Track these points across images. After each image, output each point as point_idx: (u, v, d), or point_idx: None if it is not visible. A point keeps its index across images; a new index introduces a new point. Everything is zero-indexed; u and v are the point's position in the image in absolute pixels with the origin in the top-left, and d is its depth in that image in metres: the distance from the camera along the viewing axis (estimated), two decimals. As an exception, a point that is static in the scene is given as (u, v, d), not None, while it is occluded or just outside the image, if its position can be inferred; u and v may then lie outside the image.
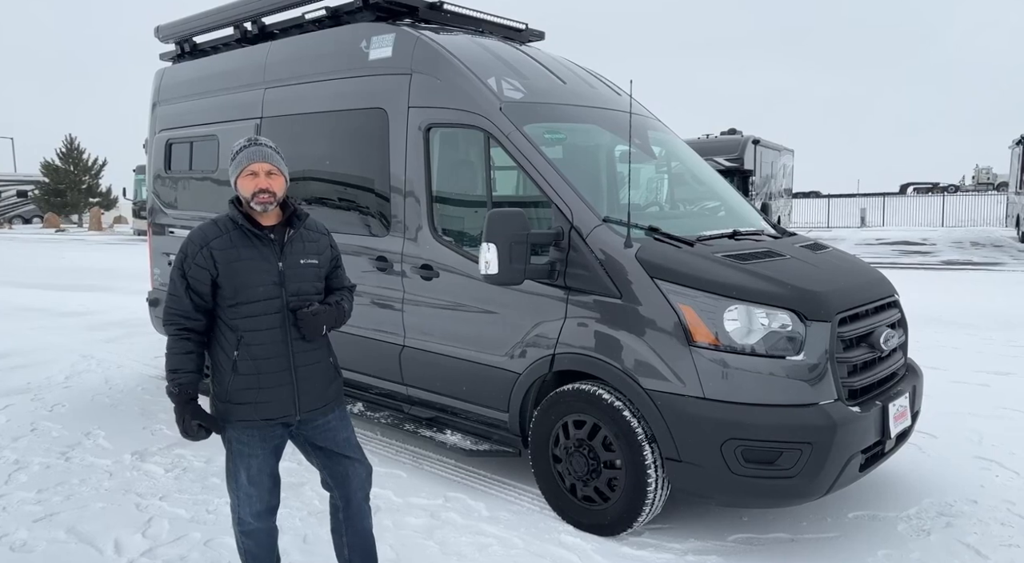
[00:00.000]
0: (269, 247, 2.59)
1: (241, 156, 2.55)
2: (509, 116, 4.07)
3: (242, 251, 2.54)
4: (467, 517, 3.93)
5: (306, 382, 2.63)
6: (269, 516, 2.73)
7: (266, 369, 2.56)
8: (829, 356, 3.34)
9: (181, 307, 2.56)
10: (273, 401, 2.58)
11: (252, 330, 2.54)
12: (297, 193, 5.33)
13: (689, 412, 3.33)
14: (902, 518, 3.83)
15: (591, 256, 3.66)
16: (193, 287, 2.54)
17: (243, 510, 2.69)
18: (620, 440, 3.54)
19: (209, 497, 4.22)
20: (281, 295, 2.58)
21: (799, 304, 3.35)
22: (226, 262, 2.52)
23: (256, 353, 2.55)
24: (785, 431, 3.23)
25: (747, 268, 3.50)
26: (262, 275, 2.55)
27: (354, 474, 2.79)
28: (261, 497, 2.66)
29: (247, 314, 2.54)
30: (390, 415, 4.77)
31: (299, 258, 2.62)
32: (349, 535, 2.85)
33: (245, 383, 2.56)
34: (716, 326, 3.33)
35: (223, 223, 2.60)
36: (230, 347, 2.56)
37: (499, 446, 4.15)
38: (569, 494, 3.79)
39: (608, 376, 3.58)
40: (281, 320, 2.57)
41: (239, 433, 2.61)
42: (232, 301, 2.54)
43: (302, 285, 2.63)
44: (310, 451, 2.80)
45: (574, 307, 3.74)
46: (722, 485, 3.32)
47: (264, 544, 2.77)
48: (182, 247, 2.58)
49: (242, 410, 2.57)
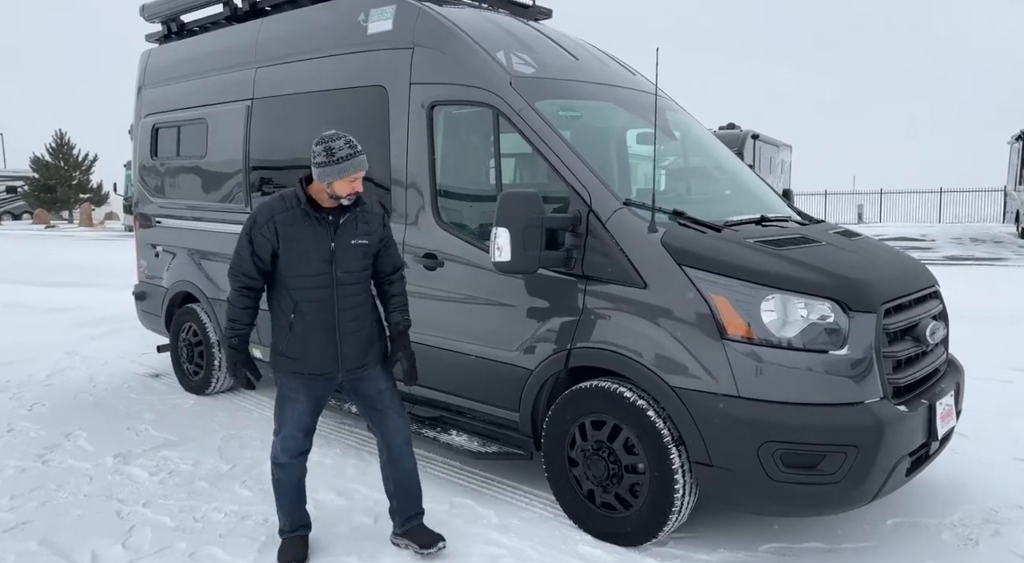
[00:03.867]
0: (325, 228, 2.96)
1: (347, 165, 2.86)
2: (520, 92, 3.76)
3: (301, 229, 2.93)
4: (475, 525, 3.64)
5: (348, 346, 3.04)
6: (301, 457, 3.19)
7: (315, 333, 2.99)
8: (875, 350, 3.05)
9: (245, 268, 2.98)
10: (318, 359, 3.02)
11: (305, 300, 2.97)
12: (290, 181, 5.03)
13: (722, 412, 3.04)
14: (945, 526, 3.55)
15: (611, 242, 3.37)
16: (257, 253, 2.95)
17: (280, 446, 3.16)
18: (644, 442, 3.24)
19: (196, 503, 3.92)
20: (331, 271, 2.97)
21: (842, 294, 3.06)
22: (286, 237, 2.92)
23: (308, 319, 2.98)
24: (828, 433, 2.94)
25: (784, 255, 3.21)
26: (315, 253, 2.94)
27: (390, 421, 3.21)
28: (296, 437, 3.13)
29: (301, 285, 2.96)
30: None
31: (350, 239, 2.99)
32: (393, 474, 3.27)
33: (297, 342, 3.01)
34: (752, 318, 3.04)
35: (290, 199, 2.96)
36: (288, 310, 3.00)
37: (508, 448, 3.86)
38: (587, 500, 3.50)
39: (630, 373, 3.29)
40: (330, 293, 2.98)
41: (288, 379, 3.09)
42: (289, 272, 2.96)
43: (351, 263, 3.02)
44: (354, 399, 3.26)
45: (592, 298, 3.44)
46: (758, 492, 3.03)
47: (293, 478, 3.23)
48: (253, 214, 2.99)
49: (293, 363, 3.04)
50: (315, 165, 2.89)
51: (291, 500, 3.27)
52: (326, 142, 2.88)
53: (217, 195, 5.60)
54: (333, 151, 2.85)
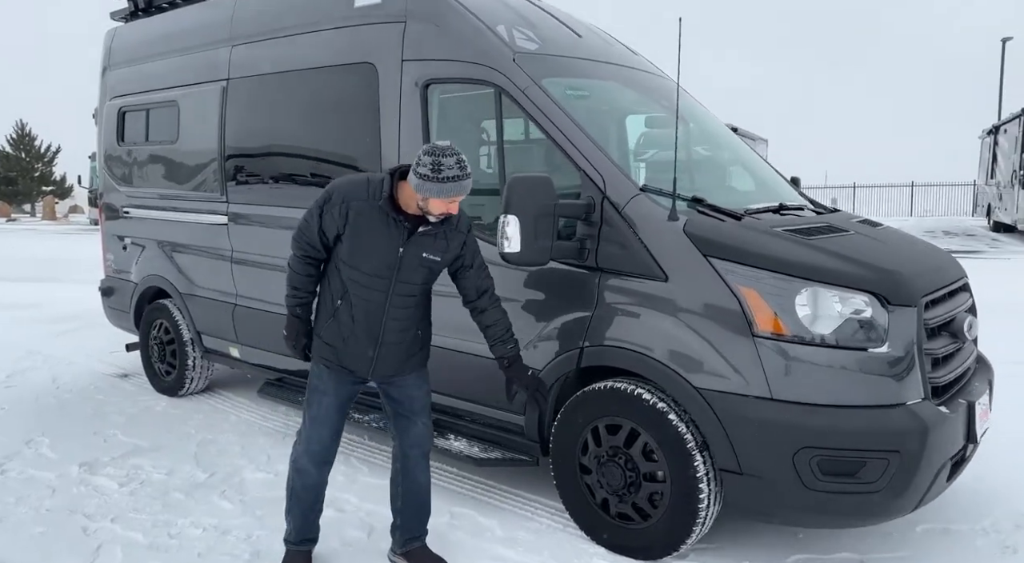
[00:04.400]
0: (399, 231, 2.71)
1: (452, 187, 2.59)
2: (525, 69, 3.47)
3: (373, 224, 2.70)
4: (478, 538, 3.36)
5: (385, 356, 2.84)
6: (323, 467, 2.97)
7: (357, 331, 2.79)
8: (916, 347, 2.82)
9: (310, 237, 2.79)
10: (353, 358, 2.83)
11: (358, 295, 2.77)
12: (269, 169, 4.69)
13: (754, 416, 2.79)
14: (978, 532, 3.35)
15: (628, 231, 3.10)
16: (323, 227, 2.75)
17: (302, 448, 2.94)
18: (664, 448, 2.99)
19: (171, 517, 3.59)
20: (391, 277, 2.74)
21: (881, 286, 2.83)
22: (355, 226, 2.70)
23: (355, 314, 2.78)
24: (869, 438, 2.71)
25: (817, 245, 2.97)
26: (380, 255, 2.72)
27: (413, 430, 3.00)
28: (321, 440, 2.91)
29: (355, 279, 2.76)
30: (380, 418, 4.17)
31: (422, 251, 2.75)
32: (404, 485, 3.04)
33: (337, 330, 2.81)
34: (785, 313, 2.79)
35: (374, 189, 2.71)
36: (337, 293, 2.80)
37: (513, 454, 3.58)
38: (600, 510, 3.23)
39: (650, 372, 3.03)
40: (382, 299, 2.76)
41: (319, 368, 2.89)
42: (348, 260, 2.75)
43: (414, 275, 2.78)
44: (383, 399, 3.03)
45: (608, 292, 3.17)
46: (792, 502, 2.80)
47: (311, 489, 2.99)
48: (331, 188, 2.77)
49: (328, 350, 2.85)
50: (417, 174, 2.59)
51: (303, 510, 3.04)
52: (436, 155, 2.58)
53: (190, 184, 5.23)
54: (441, 168, 2.56)
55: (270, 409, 5.23)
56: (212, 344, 5.28)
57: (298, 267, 2.85)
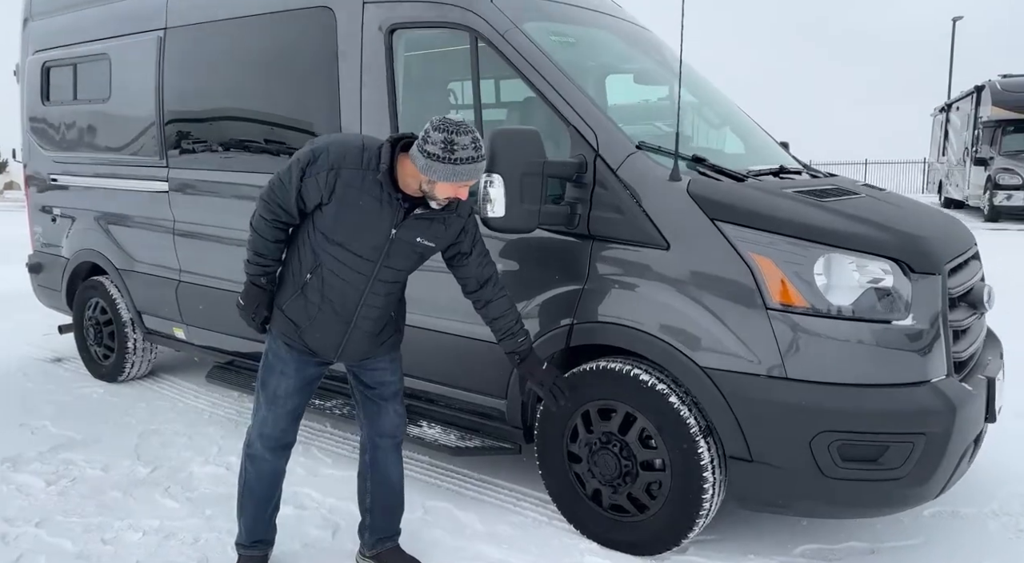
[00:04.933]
0: (392, 210, 2.35)
1: (465, 170, 2.22)
2: (504, 10, 3.09)
3: (365, 198, 2.32)
4: (457, 535, 3.04)
5: (357, 338, 2.53)
6: (280, 452, 2.65)
7: (327, 311, 2.47)
8: (941, 319, 2.57)
9: (284, 201, 2.39)
10: (319, 339, 2.51)
11: (332, 272, 2.42)
12: (213, 130, 4.22)
13: (767, 397, 2.51)
14: (987, 515, 3.16)
15: (625, 194, 2.77)
16: (303, 193, 2.36)
17: (256, 431, 2.62)
18: (665, 434, 2.70)
19: (106, 520, 3.17)
20: (376, 261, 2.40)
21: (905, 253, 2.56)
22: (343, 199, 2.32)
23: (326, 293, 2.44)
24: (893, 419, 2.46)
25: (833, 207, 2.68)
26: (368, 234, 2.37)
27: (384, 417, 2.69)
28: (276, 423, 2.58)
29: (336, 255, 2.40)
30: (344, 404, 3.80)
31: (416, 235, 2.41)
32: (373, 479, 2.74)
33: (304, 308, 2.48)
34: (803, 282, 2.51)
35: (370, 157, 2.33)
36: (307, 266, 2.45)
37: (493, 441, 3.25)
38: (591, 502, 2.94)
39: (649, 351, 2.72)
40: (363, 283, 2.43)
41: (278, 345, 2.56)
42: (328, 232, 2.38)
43: (403, 261, 2.46)
44: (352, 383, 2.72)
45: (601, 263, 2.85)
46: (809, 492, 2.54)
47: (266, 480, 2.66)
48: (318, 148, 2.35)
49: (290, 327, 2.51)
50: (424, 152, 2.20)
51: (257, 506, 2.68)
52: (448, 131, 2.19)
53: (125, 147, 4.71)
54: (454, 147, 2.18)
55: (221, 395, 4.80)
56: (154, 324, 4.80)
57: (265, 231, 2.44)
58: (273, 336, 2.58)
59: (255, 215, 2.45)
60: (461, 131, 2.19)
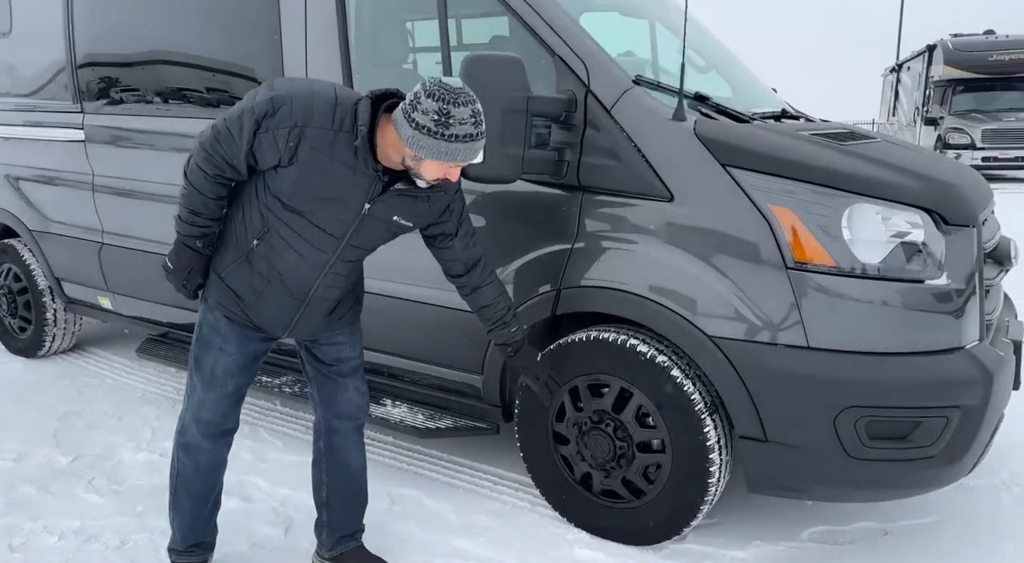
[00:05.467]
0: (368, 182, 1.95)
1: (461, 149, 1.82)
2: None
3: (335, 166, 1.92)
4: (428, 527, 2.69)
5: (311, 315, 2.17)
6: (220, 439, 2.26)
7: (276, 285, 2.08)
8: (978, 276, 2.29)
9: (232, 156, 1.95)
10: (265, 315, 2.13)
11: (286, 242, 2.02)
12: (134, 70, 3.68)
13: (786, 369, 2.20)
14: (998, 487, 2.96)
15: (621, 136, 2.38)
16: (255, 151, 1.93)
17: (190, 416, 2.23)
18: (665, 412, 2.38)
19: (16, 520, 2.75)
20: (343, 237, 2.02)
21: (939, 203, 2.25)
22: (306, 164, 1.91)
23: (276, 265, 2.06)
24: (927, 392, 2.18)
25: (857, 152, 2.35)
26: (336, 206, 1.98)
27: (342, 397, 2.33)
28: (216, 407, 2.20)
29: (292, 225, 2.00)
30: (295, 381, 3.38)
31: (392, 214, 2.03)
32: (331, 470, 2.38)
33: (248, 279, 2.09)
34: (829, 237, 2.18)
35: (343, 117, 1.90)
36: (254, 230, 2.04)
37: (468, 421, 2.90)
38: (580, 487, 2.62)
39: (648, 319, 2.38)
40: (324, 260, 2.05)
41: (216, 317, 2.15)
42: (286, 202, 1.97)
43: (373, 239, 2.08)
44: (304, 358, 2.36)
45: (593, 219, 2.47)
46: (831, 475, 2.25)
47: (204, 472, 2.27)
48: (279, 97, 1.88)
49: (231, 299, 2.12)
50: (413, 122, 1.78)
51: (193, 503, 2.30)
52: (444, 99, 1.76)
53: (31, 89, 4.12)
54: (450, 120, 1.76)
55: (156, 371, 4.31)
56: (76, 293, 4.26)
57: (204, 186, 2.00)
58: (209, 306, 2.16)
59: (191, 165, 1.99)
60: (460, 101, 1.77)
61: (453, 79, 1.81)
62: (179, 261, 2.09)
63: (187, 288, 2.14)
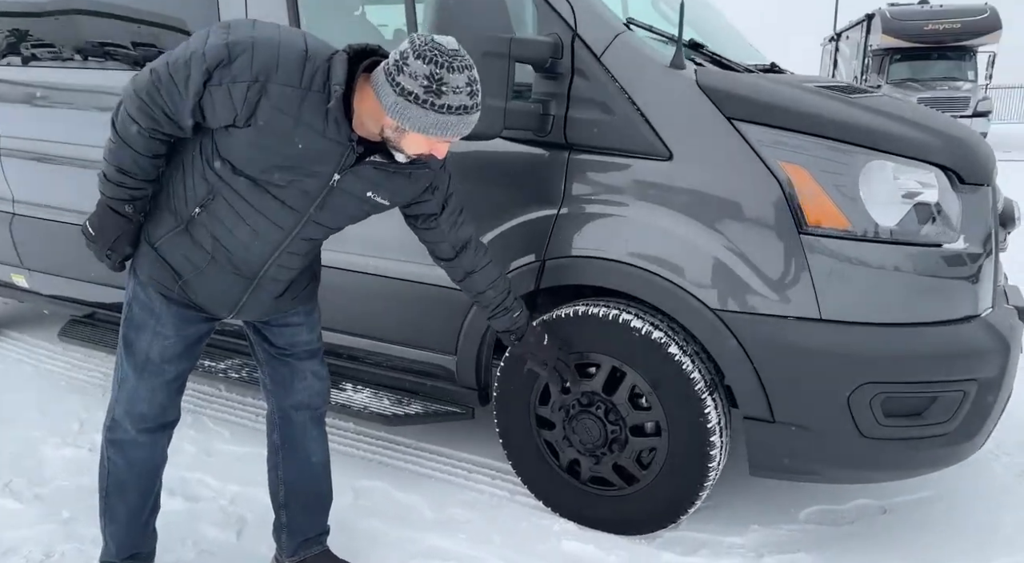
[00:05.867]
0: (340, 150, 1.65)
1: (454, 122, 1.53)
2: None
3: (302, 131, 1.60)
4: (399, 524, 2.44)
5: (262, 296, 1.89)
6: (158, 433, 1.96)
7: (222, 261, 1.79)
8: (994, 239, 2.14)
9: (174, 107, 1.60)
10: (207, 295, 1.84)
11: (236, 213, 1.72)
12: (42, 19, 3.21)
13: (797, 344, 2.02)
14: (989, 457, 2.86)
15: (613, 86, 2.12)
16: (207, 104, 1.58)
17: (121, 409, 1.91)
18: (662, 392, 2.17)
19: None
20: (305, 212, 1.73)
21: (955, 159, 2.08)
22: (267, 125, 1.59)
23: (222, 239, 1.76)
24: (946, 364, 2.03)
25: (867, 105, 2.14)
26: (301, 176, 1.67)
27: (299, 384, 2.05)
28: (152, 398, 1.90)
29: (244, 194, 1.69)
30: (243, 364, 3.06)
31: (367, 189, 1.74)
32: (289, 467, 2.11)
33: (188, 252, 1.78)
34: (846, 198, 1.98)
35: (313, 74, 1.58)
36: (196, 196, 1.73)
37: (440, 406, 2.64)
38: (566, 475, 2.40)
39: (644, 291, 2.16)
40: (281, 237, 1.76)
41: (150, 295, 1.84)
42: (237, 164, 1.66)
43: (339, 218, 1.80)
44: (253, 340, 2.08)
45: (581, 181, 2.22)
46: (842, 457, 2.09)
47: (138, 470, 1.96)
48: (237, 43, 1.54)
49: (167, 275, 1.81)
50: (395, 84, 1.49)
51: (128, 509, 2.00)
52: (436, 62, 1.48)
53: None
54: (442, 87, 1.48)
55: (82, 356, 3.89)
56: (-15, 271, 3.80)
57: (136, 142, 1.66)
58: (140, 282, 1.83)
59: (121, 114, 1.64)
60: (456, 65, 1.49)
61: (447, 38, 1.51)
62: (102, 227, 1.75)
63: (112, 259, 1.80)
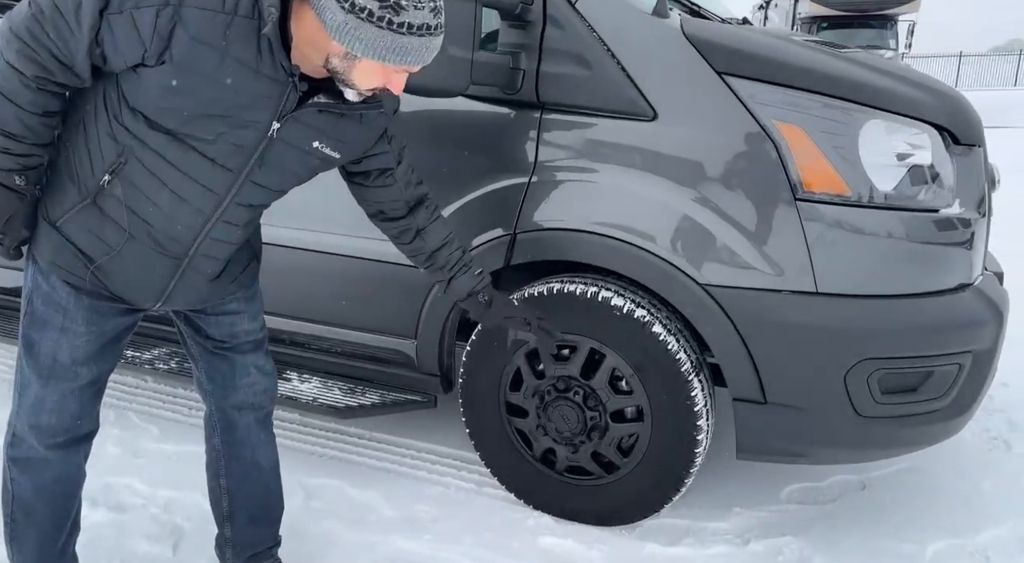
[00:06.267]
0: (277, 91, 1.34)
1: (410, 44, 1.26)
2: None
3: (229, 66, 1.30)
4: (358, 526, 2.22)
5: (192, 279, 1.57)
6: (71, 448, 1.63)
7: (141, 238, 1.47)
8: (988, 202, 2.05)
9: (65, 46, 1.28)
10: (127, 280, 1.52)
11: (155, 177, 1.41)
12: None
13: (791, 320, 1.87)
14: (960, 426, 2.86)
15: (591, 37, 1.90)
16: (103, 38, 1.27)
17: (23, 421, 1.58)
18: (644, 375, 2.01)
19: None
20: (241, 172, 1.42)
21: (951, 119, 1.96)
22: (187, 61, 1.28)
23: (140, 210, 1.44)
24: (943, 337, 1.92)
25: (860, 60, 1.99)
26: (232, 126, 1.36)
27: (241, 380, 1.77)
28: (63, 407, 1.57)
29: (163, 153, 1.38)
30: (172, 354, 2.74)
31: (313, 138, 1.44)
32: (231, 476, 1.86)
33: (98, 228, 1.45)
34: (845, 161, 1.83)
35: None
36: (102, 161, 1.40)
37: (398, 395, 2.41)
38: (541, 465, 2.23)
39: (625, 266, 1.97)
40: (213, 203, 1.45)
41: (54, 285, 1.50)
42: (152, 116, 1.34)
43: (283, 177, 1.49)
44: (184, 332, 1.77)
45: (553, 145, 2.00)
46: (836, 437, 1.97)
47: (48, 492, 1.65)
48: None
49: (75, 261, 1.48)
50: (346, 3, 1.23)
51: (41, 534, 1.70)
52: None
53: None
54: (402, 3, 1.23)
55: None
56: None
57: (21, 95, 1.33)
58: (41, 270, 1.51)
59: (7, 72, 1.30)
60: (420, 9, 1.25)
61: None
62: None
63: (4, 245, 1.48)
